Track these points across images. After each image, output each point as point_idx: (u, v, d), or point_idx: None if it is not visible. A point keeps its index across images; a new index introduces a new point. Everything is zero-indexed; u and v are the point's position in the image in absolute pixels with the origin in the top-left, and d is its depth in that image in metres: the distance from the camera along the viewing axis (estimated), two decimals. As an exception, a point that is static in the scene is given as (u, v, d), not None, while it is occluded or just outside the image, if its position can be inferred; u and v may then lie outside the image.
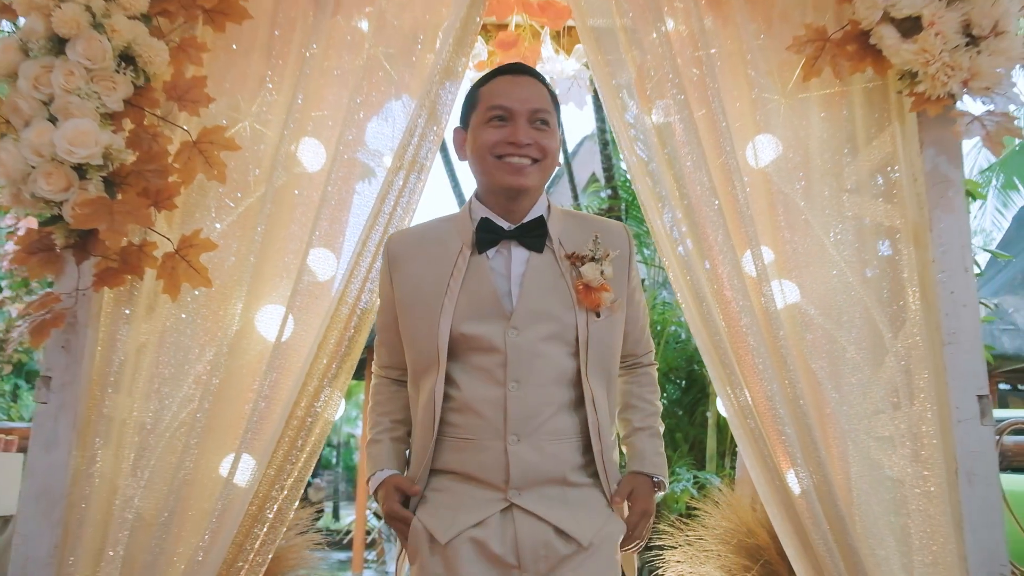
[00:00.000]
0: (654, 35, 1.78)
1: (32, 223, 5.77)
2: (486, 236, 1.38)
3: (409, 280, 1.41)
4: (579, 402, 1.35)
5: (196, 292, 1.65)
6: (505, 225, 1.40)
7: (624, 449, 1.47)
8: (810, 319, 1.73)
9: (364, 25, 1.85)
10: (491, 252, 1.39)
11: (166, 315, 1.65)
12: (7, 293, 5.85)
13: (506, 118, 1.37)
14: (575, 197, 5.86)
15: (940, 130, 1.66)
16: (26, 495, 1.51)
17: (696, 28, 1.78)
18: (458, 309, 1.35)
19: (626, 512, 1.39)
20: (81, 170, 1.50)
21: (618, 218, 4.41)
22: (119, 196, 1.54)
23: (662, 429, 1.50)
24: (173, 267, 1.54)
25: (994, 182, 13.02)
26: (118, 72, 1.54)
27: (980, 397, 1.57)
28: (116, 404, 1.59)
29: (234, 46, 1.78)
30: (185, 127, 1.62)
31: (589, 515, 1.32)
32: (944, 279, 1.62)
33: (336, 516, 11.74)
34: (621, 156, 1.85)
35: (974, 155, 14.03)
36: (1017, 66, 1.60)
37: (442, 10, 1.84)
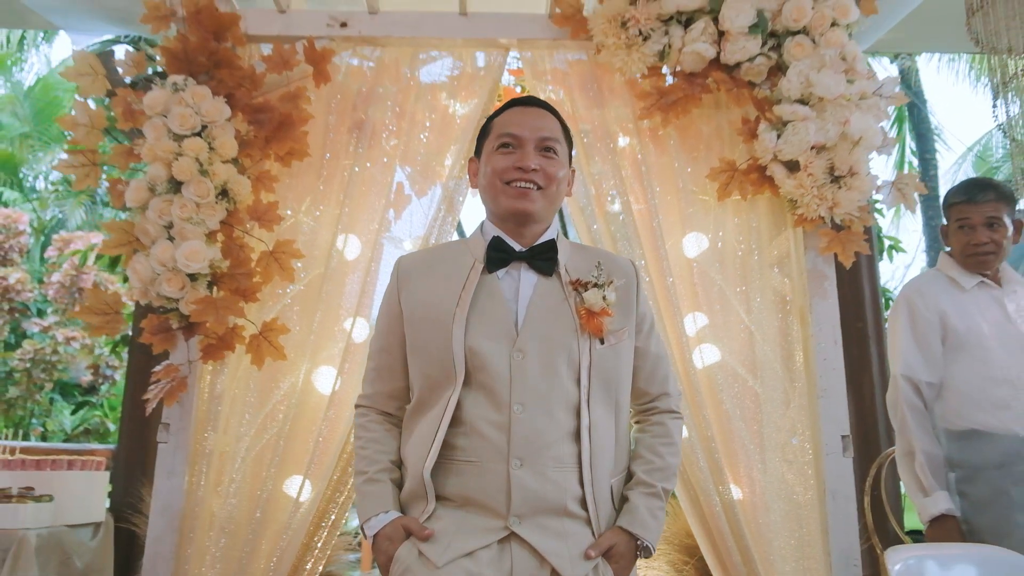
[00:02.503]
0: (606, 149, 2.37)
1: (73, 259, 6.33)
2: (497, 255, 1.40)
3: (420, 295, 1.42)
4: (580, 431, 1.33)
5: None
6: (516, 247, 1.41)
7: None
8: (737, 374, 2.30)
9: (392, 147, 2.43)
10: (500, 273, 1.40)
11: (248, 374, 2.24)
12: (53, 319, 6.45)
13: (514, 145, 1.40)
14: (564, 233, 6.42)
15: (818, 239, 2.24)
16: (154, 510, 2.10)
17: (639, 147, 2.37)
18: (470, 323, 1.35)
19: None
20: (192, 276, 2.09)
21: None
22: (218, 292, 2.13)
23: (668, 488, 1.42)
24: (258, 345, 2.13)
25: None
26: (217, 202, 2.13)
27: (843, 437, 2.16)
28: (214, 441, 2.18)
29: (296, 168, 2.37)
30: (263, 240, 2.21)
31: (583, 555, 1.30)
32: (819, 348, 2.21)
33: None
34: (576, 232, 2.43)
35: (953, 172, 14.60)
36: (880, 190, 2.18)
37: (450, 137, 2.43)
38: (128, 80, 2.24)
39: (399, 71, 2.45)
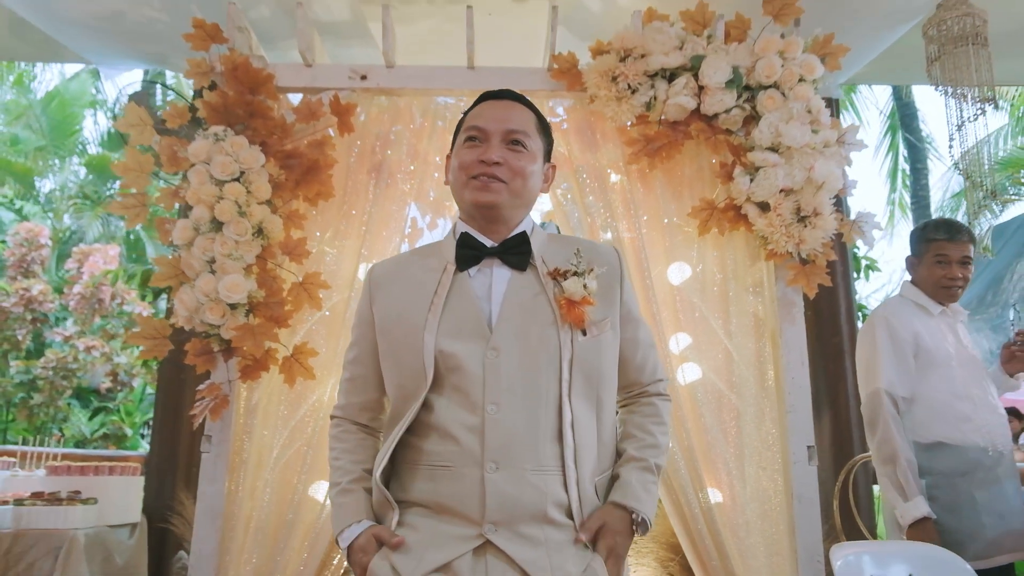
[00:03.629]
0: (599, 186, 2.64)
1: (95, 265, 6.60)
2: (468, 252, 1.36)
3: (392, 301, 1.39)
4: (563, 429, 1.28)
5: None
6: (487, 242, 1.37)
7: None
8: (718, 389, 2.57)
9: (407, 188, 2.70)
10: (472, 270, 1.36)
11: (279, 390, 2.50)
12: (74, 329, 6.73)
13: (480, 139, 1.36)
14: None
15: (786, 271, 2.51)
16: (199, 513, 2.37)
17: (628, 185, 2.64)
18: (441, 326, 1.31)
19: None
20: (232, 305, 2.36)
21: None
22: (254, 319, 2.40)
23: (660, 464, 1.38)
24: (291, 366, 2.40)
25: (963, 206, 13.88)
26: (253, 239, 2.40)
27: (808, 447, 2.42)
28: (249, 450, 2.45)
29: (321, 204, 2.64)
30: (293, 272, 2.48)
31: (566, 562, 1.23)
32: (788, 368, 2.48)
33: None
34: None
35: (947, 178, 14.86)
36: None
37: (459, 179, 2.70)
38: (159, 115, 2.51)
39: (412, 116, 2.72)
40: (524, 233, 1.39)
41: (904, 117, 12.39)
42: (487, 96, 1.45)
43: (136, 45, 3.34)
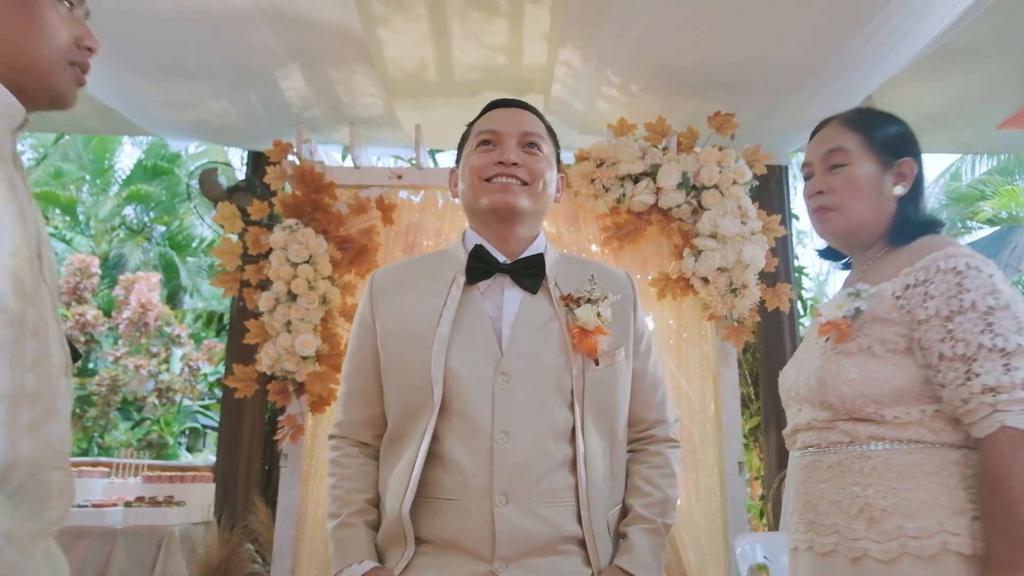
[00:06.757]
0: (581, 255, 3.42)
1: (141, 292, 7.37)
2: (479, 266, 1.29)
3: (396, 310, 1.30)
4: (576, 461, 1.23)
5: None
6: (500, 257, 1.31)
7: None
8: (677, 417, 3.34)
9: (431, 259, 3.48)
10: (482, 286, 1.30)
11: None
12: (124, 350, 7.51)
13: (494, 142, 1.31)
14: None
15: (722, 330, 3.29)
16: (279, 513, 3.14)
17: (604, 256, 3.42)
18: (452, 342, 1.24)
19: None
20: (304, 357, 3.14)
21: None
22: (320, 366, 3.18)
23: (668, 523, 1.31)
24: (348, 402, 3.17)
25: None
26: (319, 307, 3.18)
27: (739, 463, 3.20)
28: (315, 465, 3.23)
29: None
30: (349, 331, 3.26)
31: None
32: (724, 402, 3.25)
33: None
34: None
35: (927, 196, 15.52)
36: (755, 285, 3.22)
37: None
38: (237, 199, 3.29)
39: (435, 203, 3.50)
40: (540, 255, 1.34)
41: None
42: (496, 104, 1.42)
43: (211, 135, 4.12)
